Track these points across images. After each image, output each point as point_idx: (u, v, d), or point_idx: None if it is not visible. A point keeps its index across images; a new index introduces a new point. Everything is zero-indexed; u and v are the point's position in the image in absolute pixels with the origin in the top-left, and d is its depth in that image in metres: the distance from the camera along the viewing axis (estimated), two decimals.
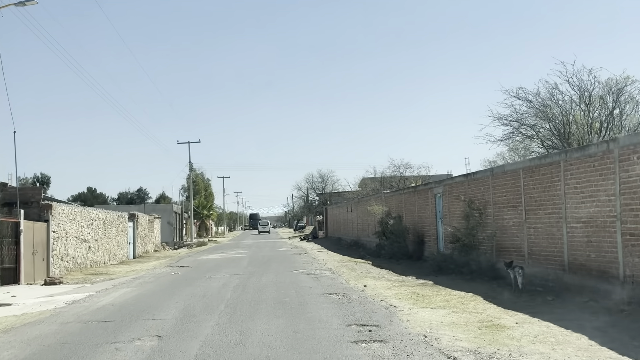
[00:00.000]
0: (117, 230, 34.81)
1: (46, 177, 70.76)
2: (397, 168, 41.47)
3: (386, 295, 13.73)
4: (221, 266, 24.94)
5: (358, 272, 20.25)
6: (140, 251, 41.04)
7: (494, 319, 10.26)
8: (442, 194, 22.50)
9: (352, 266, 22.85)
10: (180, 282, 18.38)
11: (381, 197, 32.31)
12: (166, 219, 57.52)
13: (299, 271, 21.23)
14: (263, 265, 24.87)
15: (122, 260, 34.86)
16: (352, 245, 38.82)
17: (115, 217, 34.41)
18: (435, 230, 23.37)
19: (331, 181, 74.13)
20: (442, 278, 17.19)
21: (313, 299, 13.41)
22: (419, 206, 25.61)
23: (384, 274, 19.07)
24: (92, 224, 29.95)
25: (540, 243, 14.64)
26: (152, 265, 29.86)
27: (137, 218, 40.21)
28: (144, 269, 26.74)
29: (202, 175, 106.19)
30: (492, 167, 19.22)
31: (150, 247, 44.99)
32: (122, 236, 35.97)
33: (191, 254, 37.84)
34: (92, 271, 27.16)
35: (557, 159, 13.84)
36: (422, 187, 25.52)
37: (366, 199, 36.74)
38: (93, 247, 29.98)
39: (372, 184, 44.80)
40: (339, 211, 49.30)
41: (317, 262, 25.80)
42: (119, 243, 35.11)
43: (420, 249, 25.05)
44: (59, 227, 25.30)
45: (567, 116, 20.11)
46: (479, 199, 18.59)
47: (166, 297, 14.56)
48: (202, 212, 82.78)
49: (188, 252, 42.13)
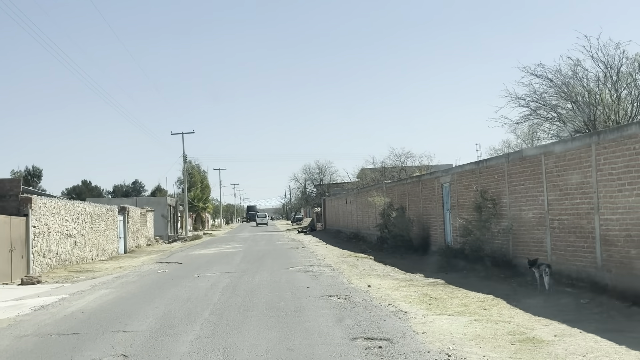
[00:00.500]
0: (107, 224, 33.17)
1: (38, 170, 69.01)
2: (398, 157, 39.87)
3: (394, 298, 12.12)
4: (213, 262, 23.31)
5: (360, 268, 18.63)
6: (132, 246, 39.41)
7: (527, 329, 8.64)
8: (450, 184, 20.87)
9: (353, 262, 21.24)
10: (165, 281, 16.74)
11: (382, 187, 30.68)
12: (160, 212, 55.87)
13: (296, 268, 19.62)
14: (257, 261, 23.25)
15: (111, 256, 33.24)
16: (351, 238, 37.23)
17: (104, 211, 32.75)
18: (442, 223, 21.76)
19: (329, 172, 72.54)
20: (454, 276, 15.58)
21: (311, 303, 11.79)
22: (424, 197, 23.98)
23: (388, 272, 17.45)
24: (78, 218, 28.29)
25: (566, 237, 13.02)
26: (141, 261, 28.23)
27: (128, 211, 38.57)
28: (132, 266, 25.12)
29: (198, 168, 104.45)
30: (507, 153, 17.55)
31: (143, 241, 43.37)
32: (112, 230, 34.34)
33: (184, 249, 36.22)
34: (77, 268, 25.55)
35: (587, 141, 12.19)
36: (427, 176, 23.88)
37: (366, 190, 35.10)
38: (79, 243, 28.34)
39: (372, 174, 43.18)
40: (337, 203, 47.68)
41: (316, 258, 24.19)
42: (109, 238, 33.48)
43: (425, 242, 23.45)
44: (40, 221, 23.63)
45: (592, 96, 18.28)
46: (493, 188, 16.96)
47: (146, 300, 12.93)
48: (197, 205, 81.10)
49: (181, 247, 40.52)
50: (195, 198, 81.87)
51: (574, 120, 19.13)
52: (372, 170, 45.11)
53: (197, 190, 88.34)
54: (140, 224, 42.60)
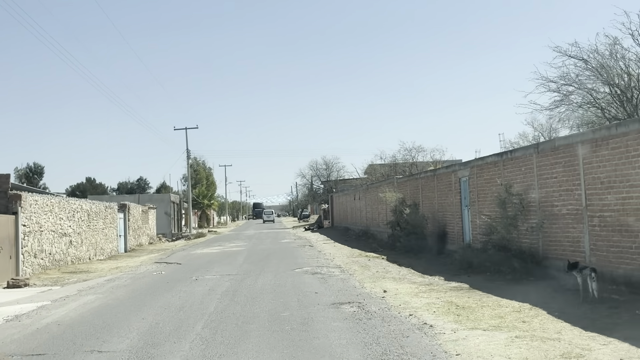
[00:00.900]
0: (105, 222, 31.79)
1: (39, 167, 67.86)
2: (409, 152, 38.27)
3: (415, 307, 10.61)
4: (214, 263, 21.85)
5: (373, 270, 17.12)
6: (133, 244, 38.05)
7: (583, 350, 7.12)
8: (468, 178, 19.32)
9: (364, 262, 19.73)
10: (159, 285, 15.27)
11: (393, 182, 29.15)
12: (163, 209, 54.52)
13: (303, 269, 18.13)
14: (262, 261, 21.77)
15: (110, 255, 31.87)
16: (361, 235, 35.72)
17: (102, 208, 31.36)
18: (460, 220, 20.22)
19: (336, 168, 71.03)
20: (478, 279, 14.05)
21: (320, 313, 10.30)
22: (440, 192, 22.44)
23: (404, 274, 15.93)
24: (73, 216, 26.89)
25: (609, 236, 11.46)
26: (140, 261, 26.83)
27: (129, 209, 37.18)
28: (129, 266, 23.71)
29: (203, 164, 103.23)
30: (536, 142, 15.96)
31: (145, 239, 42.02)
32: (111, 228, 32.96)
33: (186, 247, 34.81)
34: (72, 269, 24.17)
35: (636, 127, 10.64)
36: (443, 170, 22.32)
37: (376, 186, 33.59)
38: (75, 242, 26.96)
39: (382, 170, 41.62)
40: (345, 199, 46.18)
41: (324, 257, 22.70)
42: (107, 236, 32.10)
43: (441, 241, 21.91)
44: (31, 220, 22.23)
45: (632, 78, 16.57)
46: (519, 182, 15.41)
47: (133, 309, 11.47)
48: (202, 202, 79.77)
49: (184, 245, 39.12)
50: (200, 195, 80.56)
51: (612, 106, 17.43)
52: (381, 166, 43.56)
53: (203, 187, 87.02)
54: (141, 221, 41.24)
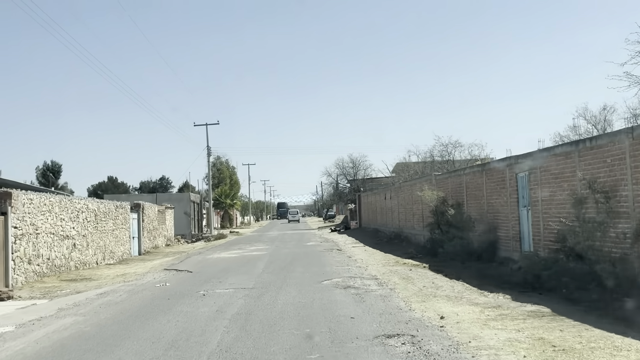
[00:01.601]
0: (116, 223, 29.26)
1: (57, 165, 65.90)
2: (445, 147, 35.08)
3: (493, 346, 7.66)
4: (229, 271, 19.06)
5: (418, 284, 14.14)
6: (148, 246, 35.54)
7: None
8: (529, 173, 16.26)
9: (404, 272, 16.77)
10: (157, 303, 12.47)
11: (431, 180, 26.11)
12: (182, 209, 52.07)
13: (332, 281, 15.25)
14: (284, 269, 18.92)
15: (121, 259, 29.35)
16: (392, 238, 32.74)
17: (112, 208, 28.83)
18: (517, 223, 17.17)
19: (363, 166, 67.95)
20: (554, 299, 11.05)
21: (362, 355, 7.41)
22: (490, 190, 19.39)
23: (459, 290, 12.92)
24: (78, 217, 24.36)
25: None
26: (150, 266, 24.19)
27: (143, 208, 34.67)
28: (136, 273, 21.09)
29: (226, 163, 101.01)
30: (630, 126, 12.86)
31: (161, 241, 39.51)
32: (123, 230, 30.43)
33: (203, 250, 32.15)
34: (74, 275, 21.64)
35: None
36: (495, 164, 19.23)
37: (410, 184, 30.58)
38: (80, 245, 24.42)
39: (416, 167, 38.53)
40: (374, 198, 43.19)
41: (355, 265, 19.80)
42: (118, 238, 29.58)
43: (491, 247, 18.88)
44: (25, 221, 19.68)
45: None
46: (603, 176, 12.34)
47: (111, 343, 8.68)
48: (225, 201, 77.35)
49: (202, 247, 36.50)
50: (223, 194, 78.18)
51: None
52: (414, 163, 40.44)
53: (226, 186, 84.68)
54: (157, 222, 38.74)
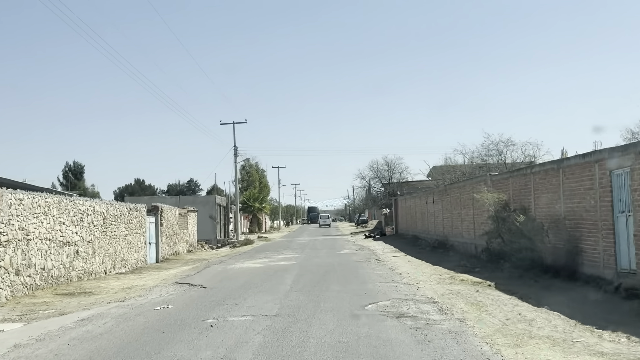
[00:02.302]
0: (129, 227, 26.32)
1: (79, 166, 63.65)
2: (495, 145, 31.35)
3: None
4: (250, 287, 15.78)
5: (496, 314, 10.63)
6: (167, 253, 32.58)
7: None
8: (631, 170, 12.68)
9: (469, 294, 13.29)
10: (146, 340, 9.18)
11: (486, 181, 22.55)
12: (207, 213, 49.17)
13: (379, 305, 11.88)
14: (316, 286, 15.57)
15: (135, 267, 26.40)
16: (437, 247, 29.21)
17: (124, 211, 25.87)
18: (611, 233, 13.57)
19: (399, 169, 64.31)
20: None
21: None
22: (569, 192, 15.79)
23: (560, 325, 9.38)
24: (82, 220, 21.42)
25: None
26: (162, 277, 21.14)
27: (161, 212, 31.72)
28: (145, 287, 18.03)
29: (256, 166, 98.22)
30: None
31: (182, 246, 36.54)
32: (137, 235, 27.48)
33: (226, 259, 29.01)
34: (73, 288, 18.68)
35: None
36: (576, 159, 15.58)
37: (459, 186, 27.03)
38: (84, 252, 21.48)
39: (461, 169, 34.85)
40: (414, 203, 39.63)
41: (402, 280, 16.38)
42: (132, 244, 26.62)
43: (572, 262, 15.31)
44: (12, 225, 16.72)
45: None
46: None
47: None
48: (253, 205, 74.33)
49: (226, 254, 33.41)
50: (251, 197, 75.22)
51: None
52: (460, 166, 36.72)
53: (255, 189, 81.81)
54: (178, 226, 35.78)
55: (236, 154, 50.46)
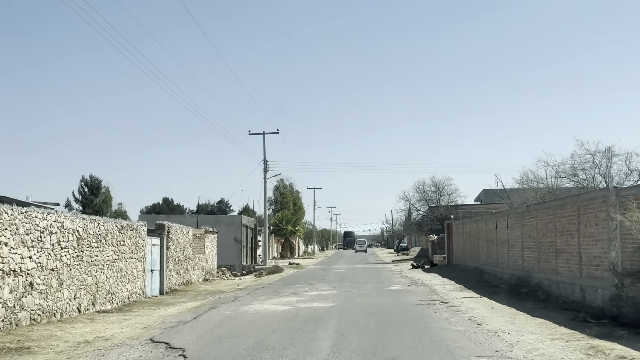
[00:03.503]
0: (120, 251, 20.35)
1: (96, 181, 58.34)
2: (592, 155, 24.50)
3: None
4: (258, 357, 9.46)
5: None
6: (176, 282, 26.55)
7: None
8: None
9: None
10: None
11: (608, 198, 15.80)
12: (232, 235, 43.16)
13: None
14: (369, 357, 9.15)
15: (126, 303, 20.42)
16: (514, 285, 22.49)
17: (113, 229, 19.91)
18: None
19: (447, 191, 57.44)
20: None
21: None
22: None
23: None
24: (41, 240, 15.52)
25: None
26: (151, 321, 15.05)
27: (168, 232, 25.73)
28: (107, 344, 11.95)
29: (290, 187, 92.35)
30: None
31: (197, 274, 30.46)
32: (133, 261, 21.50)
33: (243, 294, 22.74)
34: (12, 339, 12.81)
35: None
36: None
37: (555, 206, 20.25)
38: (44, 284, 15.56)
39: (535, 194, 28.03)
40: (475, 228, 32.90)
41: (513, 353, 9.88)
42: (124, 272, 20.64)
43: None
44: None
45: None
46: None
47: None
48: (285, 228, 68.16)
49: (246, 287, 27.23)
50: (284, 219, 69.10)
51: None
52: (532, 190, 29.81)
53: (289, 212, 75.80)
54: (192, 250, 29.75)
55: (266, 168, 44.44)
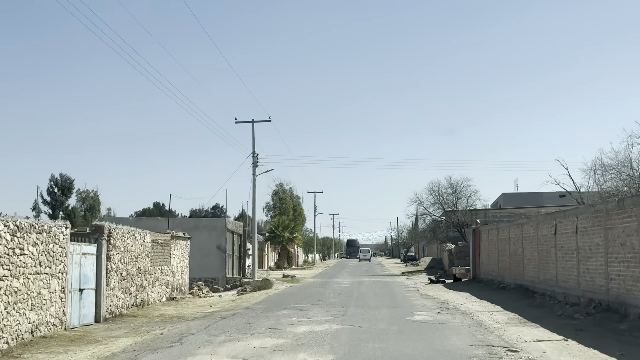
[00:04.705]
0: (11, 263, 13.39)
1: (68, 180, 51.36)
2: None
3: None
4: None
5: None
6: (124, 304, 19.66)
7: None
8: None
9: None
10: None
11: None
12: (214, 242, 36.06)
13: None
14: None
15: (32, 338, 13.54)
16: (599, 316, 15.48)
17: (4, 232, 12.95)
18: None
19: (465, 193, 50.40)
20: None
21: None
22: None
23: None
24: None
25: None
26: None
27: (110, 236, 18.73)
28: None
29: (290, 192, 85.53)
30: None
31: (158, 292, 23.46)
32: (42, 277, 14.61)
33: (199, 328, 15.65)
34: None
35: None
36: None
37: None
38: None
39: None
40: (517, 233, 25.82)
41: None
42: (22, 295, 13.71)
43: None
44: None
45: None
46: None
47: None
48: (282, 235, 61.05)
49: (220, 310, 20.27)
50: (280, 225, 62.06)
51: None
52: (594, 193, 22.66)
53: (287, 217, 68.85)
54: (152, 261, 22.75)
55: (255, 162, 37.35)
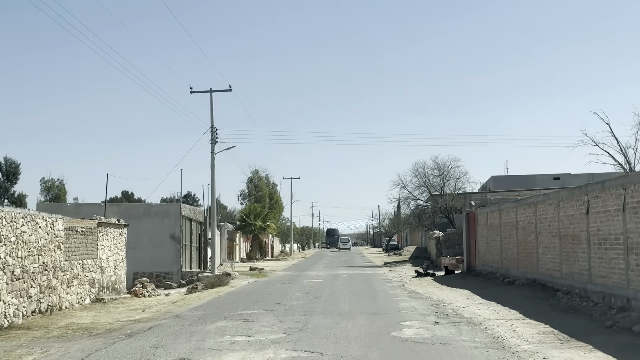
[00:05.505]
0: None
1: (13, 165, 45.90)
2: None
3: None
4: None
5: None
6: (21, 310, 14.58)
7: None
8: None
9: None
10: None
11: None
12: (167, 230, 31.01)
13: None
14: None
15: None
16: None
17: None
18: None
19: (453, 175, 45.75)
20: None
21: None
22: None
23: None
24: None
25: None
26: None
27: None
28: None
29: (266, 179, 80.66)
30: None
31: (79, 292, 18.43)
32: None
33: (94, 349, 10.63)
34: None
35: None
36: None
37: None
38: None
39: None
40: (530, 215, 21.00)
41: None
42: None
43: None
44: None
45: None
46: None
47: None
48: (253, 223, 55.99)
49: (148, 317, 15.30)
50: (251, 213, 57.04)
51: None
52: None
53: (261, 205, 63.88)
54: (68, 254, 17.70)
55: (214, 139, 32.16)
